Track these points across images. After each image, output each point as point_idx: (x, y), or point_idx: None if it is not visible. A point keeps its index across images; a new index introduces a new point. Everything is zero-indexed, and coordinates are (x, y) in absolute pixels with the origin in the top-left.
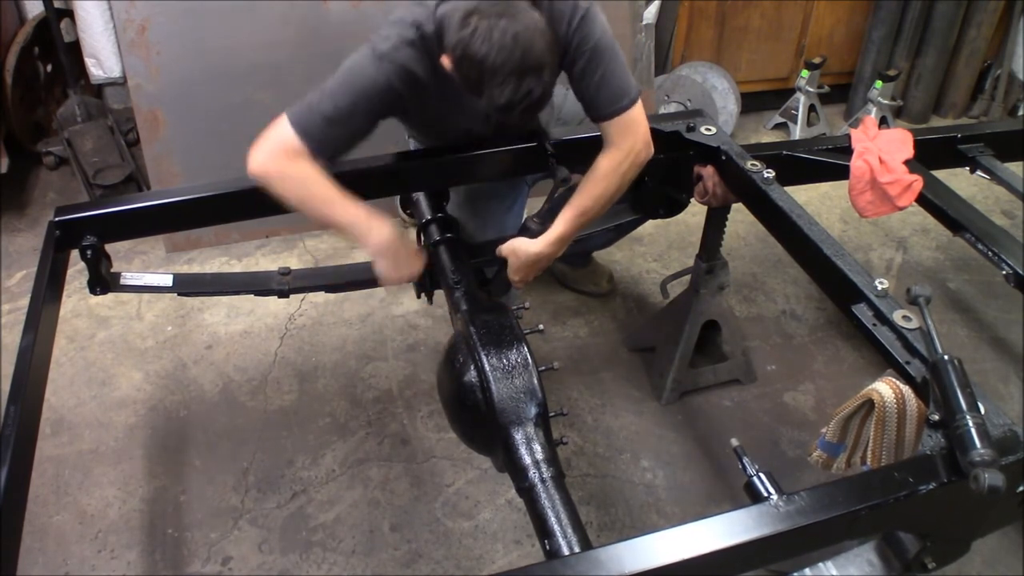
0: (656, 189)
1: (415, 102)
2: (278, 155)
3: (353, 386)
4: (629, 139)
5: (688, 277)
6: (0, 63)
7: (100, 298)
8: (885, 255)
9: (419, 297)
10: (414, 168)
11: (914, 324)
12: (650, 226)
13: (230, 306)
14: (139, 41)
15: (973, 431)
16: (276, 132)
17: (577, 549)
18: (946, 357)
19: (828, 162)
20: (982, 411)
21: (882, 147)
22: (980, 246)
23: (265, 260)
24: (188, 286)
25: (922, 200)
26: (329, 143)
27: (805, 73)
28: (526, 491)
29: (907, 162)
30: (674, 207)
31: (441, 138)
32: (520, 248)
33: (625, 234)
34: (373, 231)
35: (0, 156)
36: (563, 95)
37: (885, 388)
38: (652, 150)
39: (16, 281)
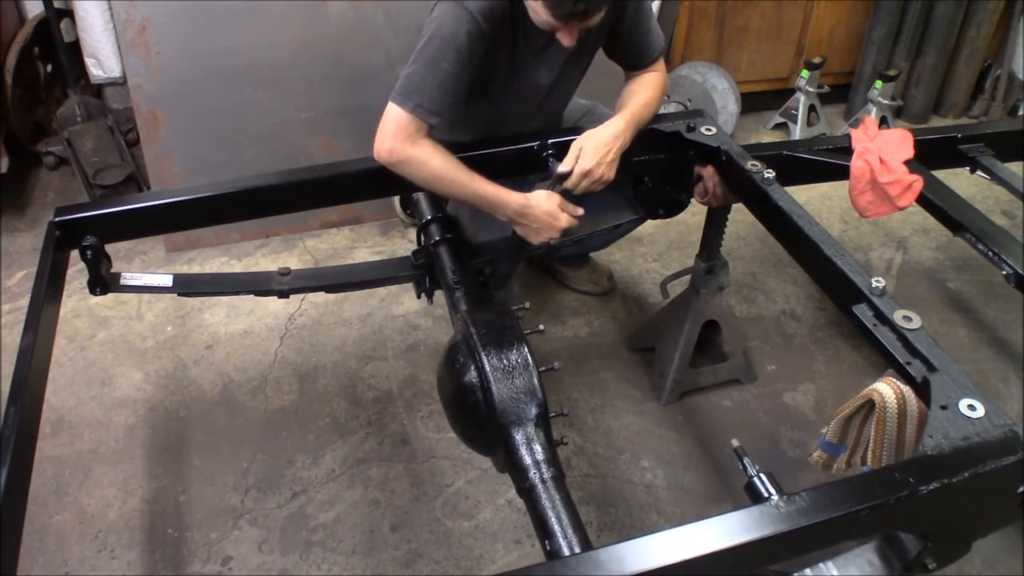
0: (656, 189)
1: (493, 55)
2: (399, 140)
3: (353, 386)
4: (663, 69)
5: (688, 277)
6: (0, 63)
7: (100, 298)
8: (885, 255)
9: (419, 297)
10: None
11: (914, 324)
12: (650, 226)
13: (230, 306)
14: (139, 41)
15: None
16: (389, 118)
17: (577, 549)
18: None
19: (828, 162)
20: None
21: (882, 147)
22: (980, 246)
23: (265, 260)
24: (188, 286)
25: (922, 200)
26: (446, 107)
27: (805, 73)
28: (526, 491)
29: (907, 162)
30: (674, 207)
31: (488, 128)
32: (595, 130)
33: (623, 235)
34: (504, 203)
35: (0, 156)
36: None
37: (885, 388)
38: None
39: (16, 281)
